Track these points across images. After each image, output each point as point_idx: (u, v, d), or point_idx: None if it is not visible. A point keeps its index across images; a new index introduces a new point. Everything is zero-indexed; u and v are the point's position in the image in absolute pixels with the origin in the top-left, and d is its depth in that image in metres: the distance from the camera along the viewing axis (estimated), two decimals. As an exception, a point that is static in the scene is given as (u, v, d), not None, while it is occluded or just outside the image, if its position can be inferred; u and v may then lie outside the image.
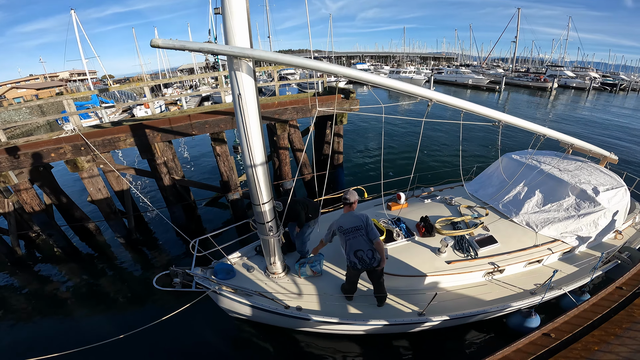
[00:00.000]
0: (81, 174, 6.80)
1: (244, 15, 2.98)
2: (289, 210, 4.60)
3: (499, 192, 6.31)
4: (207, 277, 4.31)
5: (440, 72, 56.59)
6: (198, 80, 36.44)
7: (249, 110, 3.36)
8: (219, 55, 3.14)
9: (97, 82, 52.86)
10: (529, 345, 3.61)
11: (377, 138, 16.48)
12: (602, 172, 5.96)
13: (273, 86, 9.15)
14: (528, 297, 4.52)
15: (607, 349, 3.55)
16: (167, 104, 26.20)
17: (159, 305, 5.97)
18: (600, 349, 3.56)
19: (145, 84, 8.21)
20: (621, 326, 3.88)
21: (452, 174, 8.18)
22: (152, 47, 2.95)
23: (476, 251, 4.91)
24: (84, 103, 22.09)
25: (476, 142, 15.48)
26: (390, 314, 4.33)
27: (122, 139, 6.55)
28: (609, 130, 20.27)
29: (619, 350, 3.53)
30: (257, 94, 3.41)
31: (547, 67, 57.13)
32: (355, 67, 58.02)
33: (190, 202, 8.96)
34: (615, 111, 29.11)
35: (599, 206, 5.25)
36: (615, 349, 3.55)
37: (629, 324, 3.91)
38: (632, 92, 49.44)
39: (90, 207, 8.70)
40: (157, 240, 8.42)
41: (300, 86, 29.72)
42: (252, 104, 3.37)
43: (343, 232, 4.07)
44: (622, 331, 3.81)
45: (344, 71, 3.54)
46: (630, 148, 15.82)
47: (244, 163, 3.82)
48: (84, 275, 7.22)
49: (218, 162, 7.66)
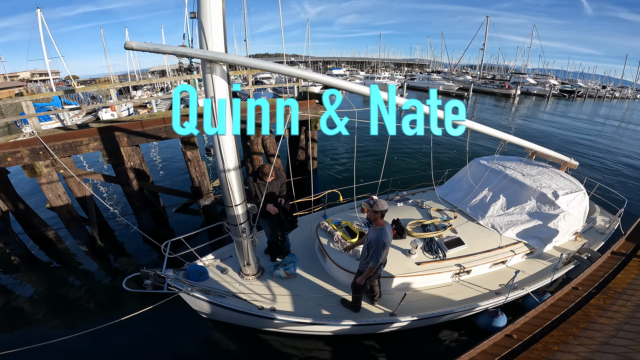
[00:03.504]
0: (39, 179, 6.43)
1: (219, 20, 2.99)
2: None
3: (467, 195, 6.52)
4: (180, 279, 4.23)
5: (413, 78, 58.25)
6: (170, 82, 35.45)
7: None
8: (193, 58, 3.10)
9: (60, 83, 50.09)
10: (493, 347, 3.68)
11: (352, 142, 16.60)
12: (562, 177, 6.27)
13: (248, 90, 9.05)
14: (493, 297, 4.69)
15: (567, 349, 3.66)
16: (136, 107, 25.27)
17: (127, 312, 5.74)
18: (560, 349, 3.66)
19: (112, 85, 7.89)
20: (578, 326, 4.02)
21: (425, 178, 8.40)
22: (126, 49, 2.89)
23: (444, 253, 5.04)
24: (45, 105, 20.86)
25: (448, 147, 15.97)
26: (362, 315, 4.41)
27: (85, 143, 6.25)
28: (568, 136, 21.60)
29: (577, 350, 3.64)
30: (230, 97, 3.40)
31: (511, 75, 60.25)
32: (332, 72, 58.79)
33: (160, 209, 8.66)
34: (573, 117, 31.08)
35: (559, 209, 5.52)
36: (574, 349, 3.65)
37: (585, 324, 4.05)
38: (588, 98, 52.98)
39: (50, 213, 8.23)
40: (124, 248, 8.04)
41: (276, 90, 29.59)
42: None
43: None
44: (580, 331, 3.93)
45: (314, 77, 3.57)
46: (588, 154, 16.93)
47: (216, 165, 3.78)
48: (46, 284, 6.80)
49: (189, 167, 7.46)
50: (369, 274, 3.87)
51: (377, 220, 3.76)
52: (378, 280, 4.44)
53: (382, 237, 3.66)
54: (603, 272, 5.19)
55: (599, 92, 57.82)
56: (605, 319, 4.14)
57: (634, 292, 4.66)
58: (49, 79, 32.18)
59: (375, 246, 3.68)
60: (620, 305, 4.38)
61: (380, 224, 3.76)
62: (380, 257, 3.72)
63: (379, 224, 3.76)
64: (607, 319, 4.13)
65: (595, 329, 3.96)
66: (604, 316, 4.19)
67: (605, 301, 4.50)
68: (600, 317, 4.18)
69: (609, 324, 4.03)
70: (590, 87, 58.97)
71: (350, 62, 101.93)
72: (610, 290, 4.75)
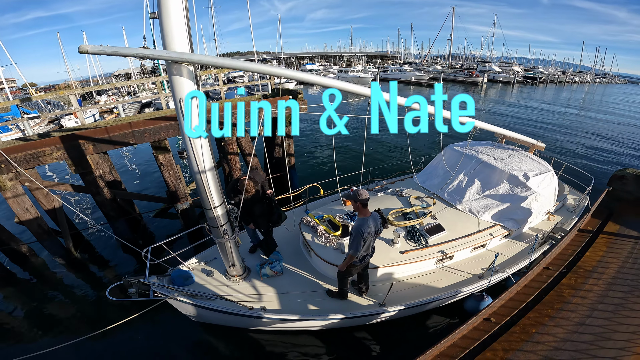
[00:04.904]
0: (4, 193, 6.04)
1: (182, 19, 2.85)
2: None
3: (444, 182, 6.67)
4: (165, 285, 4.11)
5: (386, 70, 58.92)
6: (137, 85, 34.09)
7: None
8: (156, 60, 2.95)
9: (17, 92, 47.08)
10: (473, 331, 3.75)
11: (329, 137, 16.62)
12: (531, 159, 6.52)
13: (219, 90, 8.83)
14: (477, 282, 4.81)
15: (544, 331, 3.75)
16: (102, 113, 24.14)
17: (113, 322, 5.57)
18: (538, 331, 3.75)
19: (72, 91, 7.49)
20: (553, 307, 4.14)
21: (403, 167, 8.52)
22: (80, 53, 2.69)
23: (426, 240, 5.14)
24: (2, 115, 19.60)
25: (424, 136, 16.23)
26: (351, 307, 4.45)
27: (48, 153, 5.89)
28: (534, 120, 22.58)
29: (555, 331, 3.73)
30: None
31: (477, 63, 62.19)
32: (305, 68, 58.39)
33: (136, 216, 8.34)
34: (537, 102, 32.48)
35: (530, 190, 5.75)
36: (551, 331, 3.75)
37: (560, 304, 4.17)
38: (550, 84, 55.57)
39: (20, 227, 7.78)
40: (102, 258, 7.70)
41: (249, 89, 29.13)
42: (195, 109, 3.23)
43: (372, 235, 3.90)
44: (555, 312, 4.05)
45: (283, 72, 3.49)
46: (555, 136, 17.78)
47: (190, 169, 3.67)
48: (24, 298, 6.48)
49: (162, 171, 7.20)
50: (349, 261, 3.92)
51: (359, 210, 3.79)
52: (366, 272, 4.47)
53: (362, 226, 3.69)
54: (572, 250, 5.40)
55: (559, 77, 60.91)
56: (579, 298, 4.28)
57: (604, 270, 4.85)
58: (3, 87, 30.11)
59: (355, 234, 3.72)
60: (591, 284, 4.54)
61: (364, 213, 3.79)
62: (360, 246, 3.74)
63: (363, 213, 3.79)
64: (580, 299, 4.27)
65: (570, 309, 4.09)
66: (576, 296, 4.34)
67: (576, 280, 4.66)
68: (573, 297, 4.32)
69: (583, 304, 4.17)
70: (551, 73, 61.97)
71: (324, 56, 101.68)
72: (580, 269, 4.92)
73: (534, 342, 3.61)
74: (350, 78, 42.66)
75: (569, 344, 3.55)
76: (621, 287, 4.44)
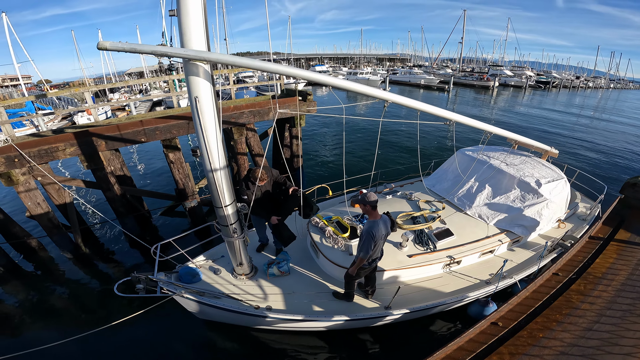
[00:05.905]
0: (17, 187, 6.16)
1: (200, 17, 2.88)
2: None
3: (454, 186, 6.59)
4: (172, 282, 4.15)
5: (395, 73, 58.71)
6: (149, 84, 34.53)
7: (207, 114, 3.26)
8: (173, 58, 2.98)
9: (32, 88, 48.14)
10: (479, 335, 3.72)
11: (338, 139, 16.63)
12: (544, 166, 6.41)
13: (230, 89, 8.88)
14: (484, 287, 4.76)
15: (552, 336, 3.72)
16: (114, 110, 24.52)
17: (120, 317, 5.62)
18: (545, 336, 3.72)
19: (87, 89, 7.58)
20: (561, 312, 4.10)
21: (412, 170, 8.45)
22: (99, 49, 2.73)
23: (435, 244, 5.08)
24: (17, 110, 19.99)
25: (433, 139, 16.13)
26: (356, 309, 4.43)
27: (61, 149, 5.99)
28: (547, 126, 22.22)
29: (562, 336, 3.70)
30: (214, 97, 3.32)
31: (489, 67, 61.58)
32: (314, 69, 58.51)
33: (144, 213, 8.42)
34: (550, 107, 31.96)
35: (542, 197, 5.64)
36: (559, 335, 3.72)
37: (568, 310, 4.13)
38: (563, 89, 54.60)
39: (31, 222, 7.92)
40: (110, 254, 7.80)
41: (259, 89, 29.28)
42: (209, 108, 3.26)
43: (382, 238, 3.87)
44: (563, 317, 4.01)
45: (300, 73, 3.50)
46: (568, 142, 17.46)
47: (204, 167, 3.69)
48: (32, 292, 6.57)
49: (172, 169, 7.27)
50: (359, 264, 3.90)
51: (369, 212, 3.77)
52: (374, 274, 4.44)
53: (372, 228, 3.66)
54: (582, 257, 5.31)
55: (573, 82, 59.84)
56: (587, 304, 4.23)
57: (614, 276, 4.78)
58: (20, 83, 30.79)
59: (365, 237, 3.71)
60: (600, 291, 4.48)
61: (374, 216, 3.77)
62: (370, 248, 3.71)
63: (373, 216, 3.77)
64: (588, 305, 4.21)
65: (578, 315, 4.04)
66: (585, 302, 4.28)
67: (585, 286, 4.59)
68: (582, 302, 4.26)
69: (591, 310, 4.12)
70: (564, 78, 60.97)
71: (333, 58, 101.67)
72: (590, 275, 4.85)
73: (541, 347, 3.58)
74: (359, 80, 42.57)
75: (576, 349, 3.53)
76: (630, 294, 4.39)
